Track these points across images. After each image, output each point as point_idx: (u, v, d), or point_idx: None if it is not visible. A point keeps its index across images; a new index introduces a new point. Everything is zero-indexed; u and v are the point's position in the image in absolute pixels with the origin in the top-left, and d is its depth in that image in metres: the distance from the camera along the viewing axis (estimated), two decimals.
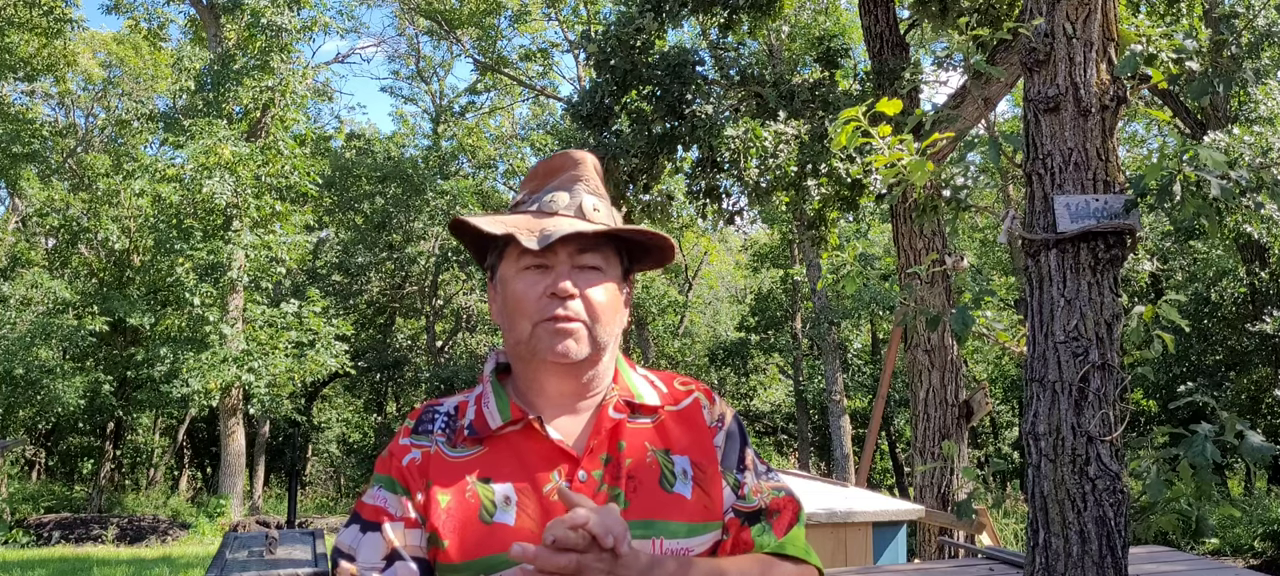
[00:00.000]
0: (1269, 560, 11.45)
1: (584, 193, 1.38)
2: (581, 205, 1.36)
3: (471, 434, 1.35)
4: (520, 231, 1.31)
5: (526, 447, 1.33)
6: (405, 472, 1.33)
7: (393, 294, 26.79)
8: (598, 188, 1.41)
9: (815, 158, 8.63)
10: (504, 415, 1.34)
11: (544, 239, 1.30)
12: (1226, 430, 3.22)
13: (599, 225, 1.35)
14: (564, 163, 1.41)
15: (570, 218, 1.35)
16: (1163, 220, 17.44)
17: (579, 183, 1.39)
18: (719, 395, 1.47)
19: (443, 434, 1.36)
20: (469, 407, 1.39)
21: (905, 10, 10.11)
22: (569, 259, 1.33)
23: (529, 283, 1.33)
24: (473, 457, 1.33)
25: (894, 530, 6.27)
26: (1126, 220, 3.40)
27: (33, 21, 20.62)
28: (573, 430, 1.35)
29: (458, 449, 1.34)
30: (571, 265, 1.33)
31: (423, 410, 1.41)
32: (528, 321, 1.32)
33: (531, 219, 1.35)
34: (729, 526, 1.36)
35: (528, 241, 1.30)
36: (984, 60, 6.53)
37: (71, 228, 21.15)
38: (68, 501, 21.62)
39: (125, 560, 13.06)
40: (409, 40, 28.21)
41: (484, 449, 1.33)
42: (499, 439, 1.34)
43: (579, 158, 1.41)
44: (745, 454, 1.43)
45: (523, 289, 1.33)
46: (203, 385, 17.30)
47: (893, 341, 10.09)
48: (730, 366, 25.35)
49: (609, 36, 9.51)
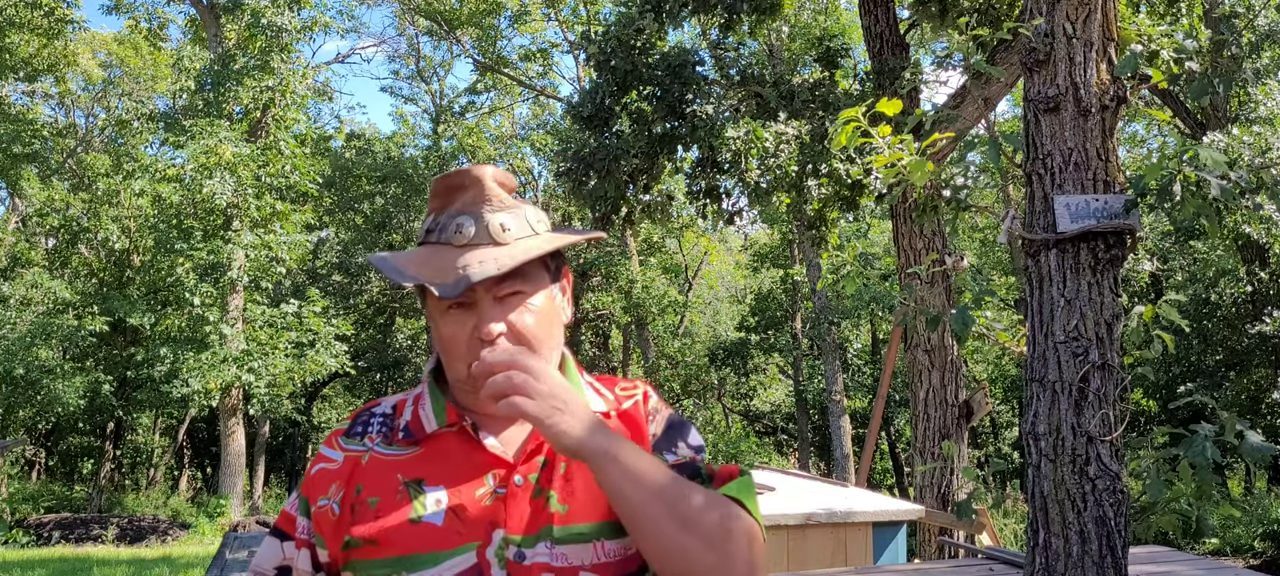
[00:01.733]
0: (1269, 560, 11.45)
1: (489, 214, 1.31)
2: (489, 228, 1.30)
3: (407, 435, 1.34)
4: (430, 278, 1.26)
5: (461, 451, 1.31)
6: (313, 481, 1.34)
7: (393, 294, 26.79)
8: (502, 200, 1.34)
9: (815, 158, 8.63)
10: (440, 419, 1.33)
11: (454, 288, 1.24)
12: (1226, 430, 3.22)
13: (510, 249, 1.29)
14: (464, 181, 1.34)
15: (479, 247, 1.28)
16: (1163, 220, 17.44)
17: (482, 205, 1.32)
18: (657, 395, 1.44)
19: (378, 435, 1.35)
20: (406, 407, 1.37)
21: (905, 10, 10.10)
22: (488, 292, 1.28)
23: (455, 323, 1.29)
24: (406, 458, 1.32)
25: (894, 530, 6.27)
26: (1126, 220, 3.40)
27: (33, 21, 20.62)
28: (513, 437, 1.33)
29: (392, 447, 1.33)
30: (492, 299, 1.28)
31: (359, 412, 1.41)
32: (462, 363, 1.29)
33: (441, 256, 1.29)
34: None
35: (441, 292, 1.24)
36: (984, 60, 6.54)
37: (71, 228, 21.15)
38: (68, 501, 21.62)
39: (125, 560, 13.06)
40: (409, 40, 28.22)
41: (418, 450, 1.32)
42: (434, 441, 1.33)
43: (479, 175, 1.34)
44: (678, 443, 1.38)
45: (450, 332, 1.29)
46: (203, 385, 17.30)
47: (893, 341, 10.09)
48: (730, 366, 25.33)
49: (609, 37, 9.51)
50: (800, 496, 6.27)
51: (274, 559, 1.34)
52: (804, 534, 5.81)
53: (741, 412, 28.86)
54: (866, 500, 6.52)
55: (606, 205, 9.43)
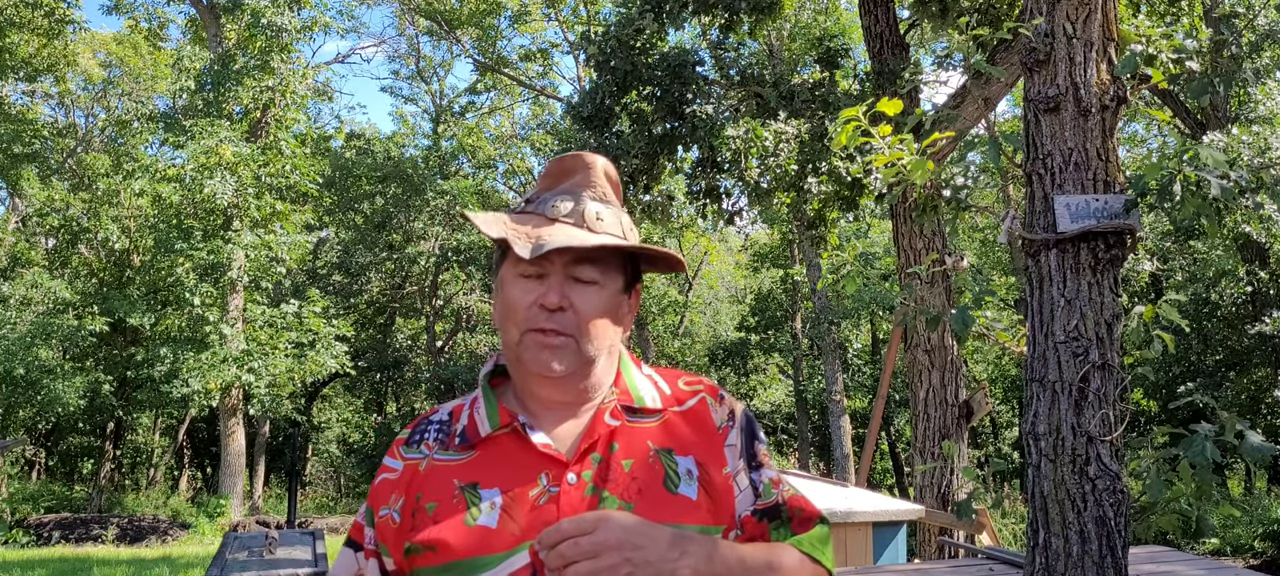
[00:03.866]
0: (1269, 560, 11.45)
1: (589, 199, 1.35)
2: (584, 213, 1.33)
3: (463, 440, 1.35)
4: (516, 236, 1.30)
5: (515, 452, 1.32)
6: (376, 491, 1.37)
7: (393, 294, 26.79)
8: (605, 193, 1.38)
9: (815, 157, 8.63)
10: (493, 421, 1.34)
11: (536, 249, 1.28)
12: (1226, 430, 3.22)
13: (595, 237, 1.32)
14: (574, 165, 1.38)
15: (569, 226, 1.32)
16: (1163, 220, 17.44)
17: (585, 189, 1.36)
18: (726, 392, 1.44)
19: (435, 442, 1.37)
20: (463, 412, 1.39)
21: (905, 10, 10.10)
22: (563, 269, 1.31)
23: (523, 290, 1.32)
24: (463, 463, 1.33)
25: (894, 530, 6.27)
26: (1126, 220, 3.40)
27: (33, 21, 20.63)
28: (567, 435, 1.34)
29: (448, 453, 1.35)
30: (565, 276, 1.31)
31: (418, 421, 1.43)
32: (516, 329, 1.32)
33: (533, 223, 1.33)
34: (744, 524, 1.34)
35: (521, 249, 1.28)
36: (984, 60, 6.53)
37: (71, 228, 21.14)
38: (68, 501, 21.61)
39: (125, 560, 13.06)
40: (409, 40, 28.23)
41: (474, 454, 1.34)
42: (489, 443, 1.34)
43: (589, 161, 1.38)
44: (757, 449, 1.40)
45: (516, 296, 1.32)
46: (203, 385, 17.30)
47: (893, 341, 10.09)
48: (730, 366, 25.35)
49: (609, 37, 9.51)
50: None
51: (350, 569, 1.37)
52: None
53: None
54: (866, 500, 6.52)
55: None
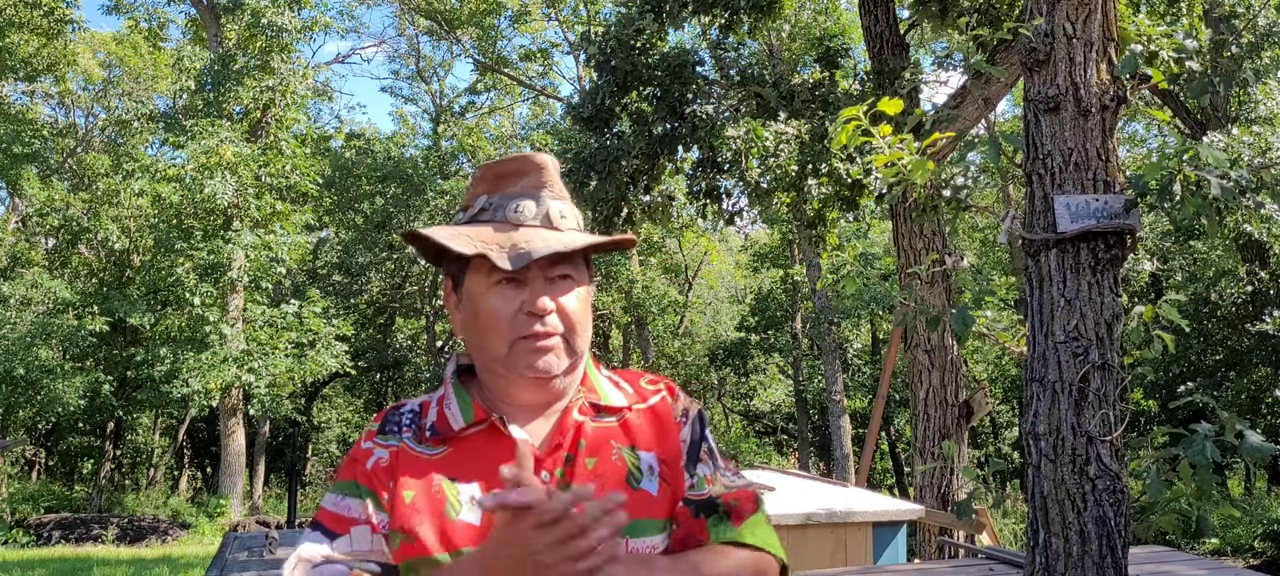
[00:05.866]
0: (1269, 560, 11.45)
1: (550, 199, 1.35)
2: (548, 213, 1.33)
3: (434, 434, 1.35)
4: (491, 249, 1.28)
5: (490, 448, 1.32)
6: (370, 475, 1.33)
7: (393, 294, 26.79)
8: (561, 190, 1.38)
9: (815, 158, 8.63)
10: (466, 416, 1.34)
11: (519, 259, 1.27)
12: (1226, 430, 3.22)
13: (572, 238, 1.32)
14: (523, 166, 1.37)
15: (538, 228, 1.32)
16: (1163, 220, 17.43)
17: (543, 189, 1.35)
18: (682, 391, 1.46)
19: (409, 430, 1.37)
20: (431, 408, 1.39)
21: (905, 10, 10.11)
22: (542, 272, 1.31)
23: (503, 300, 1.30)
24: (438, 457, 1.33)
25: (894, 530, 6.27)
26: (1126, 220, 3.40)
27: (33, 21, 20.63)
28: (537, 433, 1.34)
29: (422, 446, 1.35)
30: (545, 278, 1.31)
31: (387, 412, 1.41)
32: (504, 341, 1.31)
33: (498, 232, 1.31)
34: (679, 515, 1.34)
35: (501, 261, 1.27)
36: (984, 60, 6.54)
37: (71, 228, 21.14)
38: (68, 501, 21.60)
39: (125, 560, 13.06)
40: (409, 40, 28.24)
41: (448, 449, 1.34)
42: (462, 439, 1.34)
43: (541, 161, 1.37)
44: (700, 446, 1.41)
45: (497, 306, 1.31)
46: (203, 385, 17.30)
47: (893, 341, 10.09)
48: (730, 366, 25.33)
49: (609, 37, 9.51)
50: (800, 496, 6.27)
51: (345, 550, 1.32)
52: (804, 534, 5.81)
53: (741, 412, 28.88)
54: (866, 500, 6.52)
55: (607, 206, 9.43)
